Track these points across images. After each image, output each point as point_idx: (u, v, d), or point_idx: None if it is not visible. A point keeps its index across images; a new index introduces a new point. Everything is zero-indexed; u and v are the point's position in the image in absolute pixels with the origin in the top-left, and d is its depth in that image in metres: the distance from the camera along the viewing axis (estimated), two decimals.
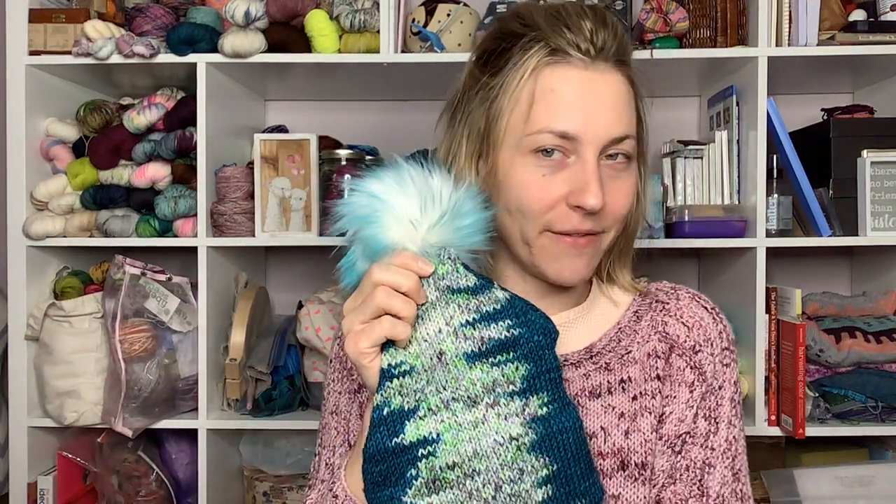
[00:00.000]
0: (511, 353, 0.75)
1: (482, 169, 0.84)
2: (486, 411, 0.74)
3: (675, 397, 0.86)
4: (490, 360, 0.75)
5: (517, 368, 0.74)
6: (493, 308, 0.76)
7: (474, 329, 0.75)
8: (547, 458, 0.72)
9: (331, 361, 0.97)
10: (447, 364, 0.75)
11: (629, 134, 0.82)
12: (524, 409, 0.73)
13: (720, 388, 0.87)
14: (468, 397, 0.74)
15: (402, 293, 0.73)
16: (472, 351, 0.75)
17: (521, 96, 0.81)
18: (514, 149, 0.81)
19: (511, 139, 0.81)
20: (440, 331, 0.75)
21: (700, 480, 0.84)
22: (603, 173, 0.81)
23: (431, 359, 0.75)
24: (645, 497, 0.83)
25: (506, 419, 0.73)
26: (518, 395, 0.74)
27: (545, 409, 0.74)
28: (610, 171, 0.82)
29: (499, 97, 0.82)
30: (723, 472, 0.85)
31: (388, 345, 0.75)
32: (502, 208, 0.83)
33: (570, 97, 0.80)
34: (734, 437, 0.87)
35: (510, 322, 0.75)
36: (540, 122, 0.80)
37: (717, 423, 0.86)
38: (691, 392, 0.86)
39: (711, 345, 0.89)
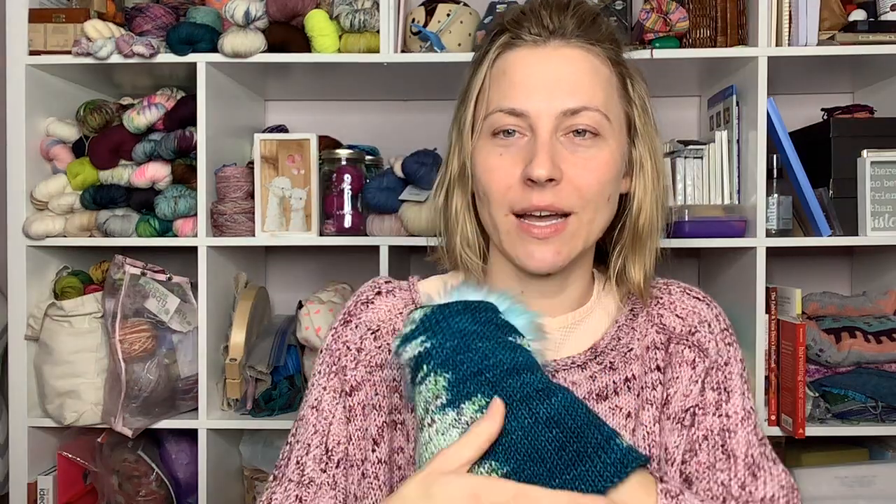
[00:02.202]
0: (427, 367, 0.73)
1: (456, 159, 0.88)
2: (428, 430, 0.72)
3: (677, 378, 0.86)
4: (417, 379, 0.74)
5: (435, 382, 0.72)
6: (410, 329, 0.76)
7: (398, 357, 0.77)
8: (494, 463, 0.69)
9: (321, 352, 0.91)
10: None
11: (587, 106, 0.80)
12: (460, 418, 0.71)
13: (726, 364, 0.87)
14: (418, 424, 0.75)
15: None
16: (410, 380, 0.76)
17: (482, 85, 0.85)
18: (478, 135, 0.84)
19: (476, 127, 0.85)
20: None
21: (723, 446, 0.82)
22: (563, 147, 0.80)
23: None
24: None
25: (444, 434, 0.71)
26: (448, 405, 0.71)
27: (482, 413, 0.70)
28: (571, 146, 0.81)
29: (468, 90, 0.87)
30: (746, 436, 0.83)
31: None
32: (477, 197, 0.86)
33: (519, 76, 0.82)
34: (751, 407, 0.85)
35: (423, 337, 0.74)
36: (493, 104, 0.83)
37: (729, 393, 0.85)
38: (693, 368, 0.86)
39: (708, 326, 0.89)
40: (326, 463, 0.84)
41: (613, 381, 0.86)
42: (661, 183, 0.89)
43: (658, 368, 0.87)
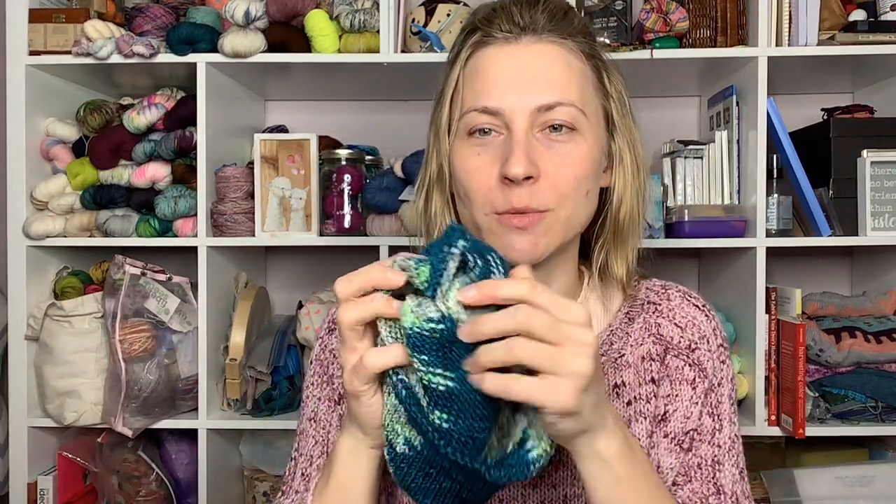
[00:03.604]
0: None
1: (434, 161, 0.86)
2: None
3: (677, 395, 0.85)
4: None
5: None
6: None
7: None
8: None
9: (311, 363, 0.94)
10: None
11: (562, 101, 0.78)
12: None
13: (719, 384, 0.87)
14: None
15: None
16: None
17: (456, 85, 0.83)
18: (455, 136, 0.83)
19: (452, 128, 0.83)
20: None
21: (713, 478, 0.83)
22: (539, 144, 0.79)
23: None
24: None
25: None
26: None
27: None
28: (547, 142, 0.79)
29: (443, 91, 0.85)
30: (731, 469, 0.84)
31: None
32: (458, 197, 0.84)
33: (492, 73, 0.80)
34: (735, 434, 0.86)
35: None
36: (467, 103, 0.81)
37: (721, 420, 0.85)
38: (694, 389, 0.85)
39: (708, 342, 0.87)
40: None
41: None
42: (641, 175, 0.87)
43: (652, 381, 0.86)
